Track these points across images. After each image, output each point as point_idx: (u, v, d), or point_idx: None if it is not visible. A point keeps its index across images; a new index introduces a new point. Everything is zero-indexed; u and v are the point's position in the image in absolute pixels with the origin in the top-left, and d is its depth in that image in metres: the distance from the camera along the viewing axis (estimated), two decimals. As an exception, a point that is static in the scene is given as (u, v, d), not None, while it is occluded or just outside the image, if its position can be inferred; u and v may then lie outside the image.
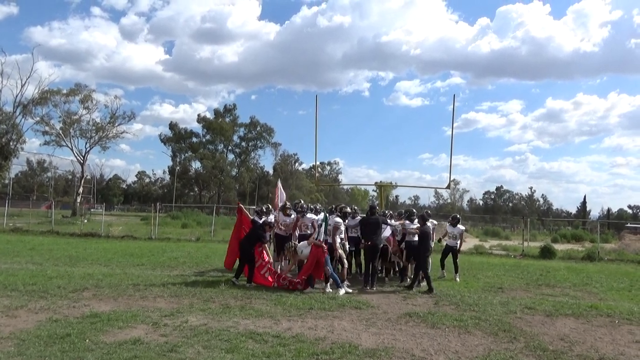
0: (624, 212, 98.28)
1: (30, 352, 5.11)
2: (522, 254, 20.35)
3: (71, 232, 22.83)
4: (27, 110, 45.08)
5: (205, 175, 75.94)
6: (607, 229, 43.42)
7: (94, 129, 51.55)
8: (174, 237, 21.86)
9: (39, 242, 17.82)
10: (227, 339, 5.82)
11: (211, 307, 7.54)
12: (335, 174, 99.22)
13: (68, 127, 49.41)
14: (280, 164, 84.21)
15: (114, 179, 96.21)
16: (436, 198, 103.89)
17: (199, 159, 75.94)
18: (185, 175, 78.29)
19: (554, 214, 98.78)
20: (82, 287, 8.77)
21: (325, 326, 6.69)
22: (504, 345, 6.06)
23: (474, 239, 33.75)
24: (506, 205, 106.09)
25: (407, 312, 7.80)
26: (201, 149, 76.66)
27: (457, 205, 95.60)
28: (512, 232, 42.63)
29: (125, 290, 8.71)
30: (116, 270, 11.33)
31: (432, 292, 9.69)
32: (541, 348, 5.97)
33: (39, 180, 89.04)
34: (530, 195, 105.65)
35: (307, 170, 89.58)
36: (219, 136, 76.27)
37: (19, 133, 43.92)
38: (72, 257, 13.68)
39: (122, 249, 16.34)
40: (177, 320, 6.66)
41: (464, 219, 39.96)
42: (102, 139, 52.26)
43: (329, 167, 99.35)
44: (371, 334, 6.40)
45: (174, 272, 11.33)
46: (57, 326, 6.13)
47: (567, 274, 13.63)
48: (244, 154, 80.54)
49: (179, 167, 76.76)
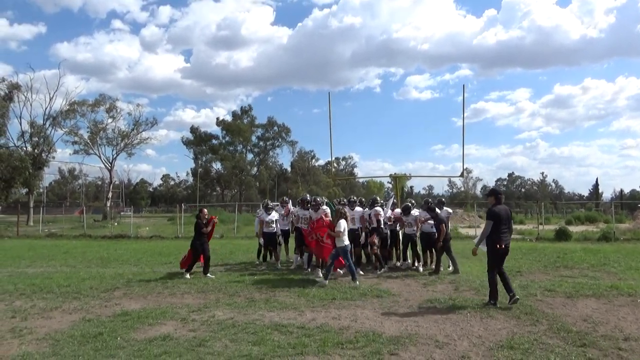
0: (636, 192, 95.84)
1: (65, 352, 5.09)
2: (538, 237, 19.93)
3: (102, 235, 23.07)
4: (56, 122, 45.94)
5: (226, 175, 76.28)
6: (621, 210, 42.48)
7: (119, 136, 52.24)
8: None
9: (73, 246, 18.03)
10: (253, 331, 5.74)
11: (237, 302, 7.47)
12: (350, 168, 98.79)
13: (95, 136, 50.19)
14: (297, 161, 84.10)
15: (141, 182, 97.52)
16: (450, 187, 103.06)
17: (220, 160, 76.33)
18: (207, 176, 78.74)
19: (566, 197, 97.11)
20: (113, 287, 8.79)
21: (348, 315, 6.56)
22: (527, 329, 5.86)
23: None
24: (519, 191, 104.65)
25: (428, 299, 7.63)
26: (221, 150, 76.99)
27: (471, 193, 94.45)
28: (526, 217, 41.94)
29: (154, 288, 8.71)
30: (145, 269, 11.37)
31: (458, 272, 10.02)
32: (565, 330, 5.75)
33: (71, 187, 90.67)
34: (542, 180, 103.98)
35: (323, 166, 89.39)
36: (237, 137, 76.48)
37: (49, 144, 44.70)
38: (103, 258, 13.80)
39: (150, 249, 16.44)
40: (205, 315, 6.60)
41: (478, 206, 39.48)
42: (127, 145, 53.02)
43: (345, 162, 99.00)
44: (394, 322, 6.25)
45: (200, 268, 11.29)
46: (89, 325, 6.11)
47: (584, 255, 13.26)
48: (262, 153, 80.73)
49: (201, 169, 77.26)
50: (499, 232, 7.07)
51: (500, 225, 7.07)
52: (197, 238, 10.10)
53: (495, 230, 7.06)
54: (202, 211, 10.37)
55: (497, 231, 7.06)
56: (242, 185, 76.73)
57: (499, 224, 7.07)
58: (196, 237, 10.12)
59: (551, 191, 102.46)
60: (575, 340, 5.37)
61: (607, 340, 5.37)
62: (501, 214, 7.11)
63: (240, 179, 76.14)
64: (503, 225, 7.11)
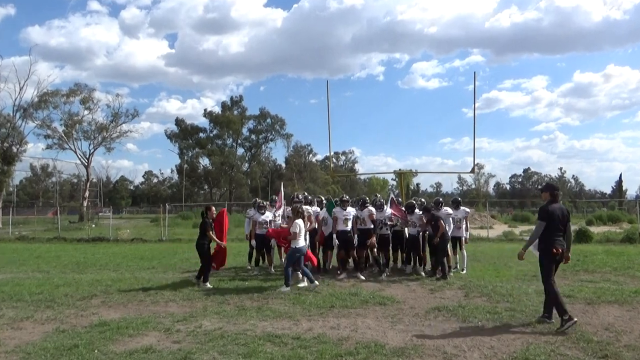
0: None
1: (37, 366, 5.08)
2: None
3: (78, 238, 23.08)
4: (27, 114, 45.77)
5: (214, 172, 76.25)
6: (646, 208, 42.56)
7: (97, 130, 52.16)
8: (185, 237, 21.93)
9: (46, 250, 18.02)
10: (244, 343, 5.74)
11: (226, 310, 7.48)
12: (351, 163, 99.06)
13: (70, 129, 50.07)
14: (293, 156, 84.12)
15: (121, 180, 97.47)
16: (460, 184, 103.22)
17: (208, 156, 76.27)
18: (194, 173, 78.72)
19: (587, 195, 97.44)
20: (90, 295, 8.79)
21: (348, 325, 6.57)
22: (544, 338, 5.87)
23: (502, 225, 33.41)
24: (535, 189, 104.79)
25: (435, 307, 7.64)
26: (209, 144, 76.94)
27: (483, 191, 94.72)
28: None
29: (136, 295, 8.70)
30: (126, 275, 11.36)
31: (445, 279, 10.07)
32: (585, 339, 5.77)
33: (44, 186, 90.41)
34: (560, 176, 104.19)
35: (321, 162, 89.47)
36: (227, 130, 76.41)
37: (20, 137, 44.56)
38: (79, 263, 13.79)
39: (131, 253, 16.44)
40: (191, 325, 6.60)
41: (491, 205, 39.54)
42: (105, 139, 52.94)
43: (345, 157, 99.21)
44: (398, 332, 6.26)
45: (186, 274, 11.31)
46: (64, 337, 6.10)
47: (606, 258, 13.31)
48: (254, 147, 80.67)
49: (187, 165, 77.21)
50: (553, 235, 6.54)
51: (554, 227, 6.54)
52: (202, 238, 9.86)
53: (549, 233, 6.53)
54: (211, 209, 10.13)
55: (551, 234, 6.53)
56: (232, 182, 76.69)
57: (553, 225, 6.54)
58: (201, 237, 9.87)
59: (570, 188, 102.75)
60: (596, 351, 5.39)
61: (631, 351, 5.38)
62: (555, 213, 6.56)
63: (230, 175, 76.11)
64: (557, 228, 6.56)
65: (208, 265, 9.78)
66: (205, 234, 9.76)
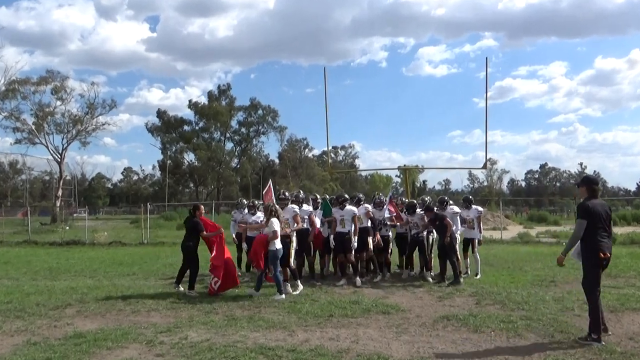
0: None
1: (6, 382, 5.08)
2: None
3: (51, 242, 23.02)
4: (-7, 105, 45.56)
5: (201, 168, 76.27)
6: (675, 207, 42.78)
7: (70, 122, 51.96)
8: (169, 240, 21.91)
9: (15, 254, 17.97)
10: (233, 356, 5.74)
11: (214, 320, 7.48)
12: (351, 159, 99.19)
13: (41, 121, 49.84)
14: (287, 150, 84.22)
15: (98, 178, 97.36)
16: (470, 181, 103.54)
17: (193, 150, 76.26)
18: (178, 169, 78.75)
19: (610, 192, 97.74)
20: (65, 304, 8.77)
21: (348, 336, 6.58)
22: (562, 350, 5.90)
23: (517, 226, 33.52)
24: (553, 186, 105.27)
25: (444, 315, 7.66)
26: (194, 138, 76.91)
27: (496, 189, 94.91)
28: (561, 217, 42.23)
29: (114, 304, 8.69)
30: (103, 282, 11.35)
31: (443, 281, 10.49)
32: (607, 350, 5.79)
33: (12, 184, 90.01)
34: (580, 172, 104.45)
35: (318, 157, 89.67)
36: (214, 122, 76.40)
37: (-15, 130, 44.41)
38: (52, 269, 13.77)
39: (109, 258, 16.42)
40: (175, 336, 6.60)
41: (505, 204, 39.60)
42: (80, 133, 52.67)
43: (344, 152, 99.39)
44: (403, 343, 6.28)
45: (170, 280, 11.30)
46: (35, 350, 6.08)
47: (631, 262, 13.39)
48: (244, 141, 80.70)
49: (171, 161, 77.17)
50: (597, 235, 6.20)
51: (598, 226, 6.20)
52: (189, 239, 9.85)
53: (592, 234, 6.19)
54: (200, 208, 10.14)
55: (595, 234, 6.19)
56: (220, 180, 76.77)
57: (596, 224, 6.21)
58: (188, 238, 9.86)
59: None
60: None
61: (658, 363, 5.41)
62: (597, 210, 6.24)
63: (218, 172, 76.16)
64: (601, 227, 6.22)
65: (195, 269, 9.78)
66: (192, 233, 9.78)
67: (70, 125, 51.95)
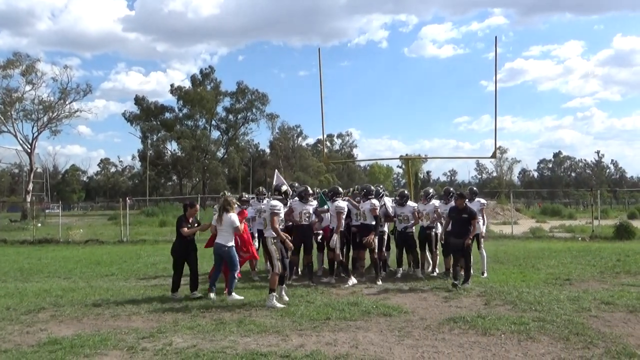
0: None
1: (-25, 393, 5.09)
2: (592, 235, 20.17)
3: (22, 240, 23.03)
4: (-45, 90, 45.27)
5: (184, 159, 76.12)
6: (699, 199, 43.03)
7: (41, 108, 51.69)
8: (151, 238, 21.97)
9: (-18, 254, 17.93)
10: (222, 363, 5.76)
11: (201, 324, 7.48)
12: (348, 148, 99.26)
13: (9, 107, 49.55)
14: (278, 139, 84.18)
15: (72, 170, 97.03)
16: (478, 172, 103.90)
17: (176, 139, 76.01)
18: (160, 160, 78.52)
19: (629, 183, 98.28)
20: (38, 307, 8.77)
21: (347, 340, 6.61)
22: (578, 353, 5.94)
23: (529, 220, 33.64)
24: (568, 176, 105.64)
25: (450, 317, 7.69)
26: (177, 126, 76.69)
27: (506, 179, 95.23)
28: (577, 210, 42.42)
29: (92, 308, 8.69)
30: (79, 283, 11.36)
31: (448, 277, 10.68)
32: (626, 353, 5.84)
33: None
34: (597, 161, 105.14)
35: (313, 146, 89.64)
36: (198, 109, 76.15)
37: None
38: (23, 270, 13.76)
39: (85, 257, 16.42)
40: (159, 342, 6.61)
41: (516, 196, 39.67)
42: (52, 120, 52.46)
43: (341, 140, 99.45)
44: (406, 347, 6.31)
45: (152, 282, 11.32)
46: (6, 358, 6.09)
47: (652, 258, 13.48)
48: (231, 129, 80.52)
49: (152, 151, 76.96)
50: None
51: None
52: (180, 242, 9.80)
53: None
54: (194, 206, 10.06)
55: None
56: (206, 172, 76.67)
57: None
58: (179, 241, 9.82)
59: (610, 175, 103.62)
60: (639, 367, 5.47)
61: (681, 367, 5.46)
62: None
63: (204, 163, 76.06)
64: None
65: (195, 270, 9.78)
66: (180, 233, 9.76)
67: (41, 112, 51.80)
